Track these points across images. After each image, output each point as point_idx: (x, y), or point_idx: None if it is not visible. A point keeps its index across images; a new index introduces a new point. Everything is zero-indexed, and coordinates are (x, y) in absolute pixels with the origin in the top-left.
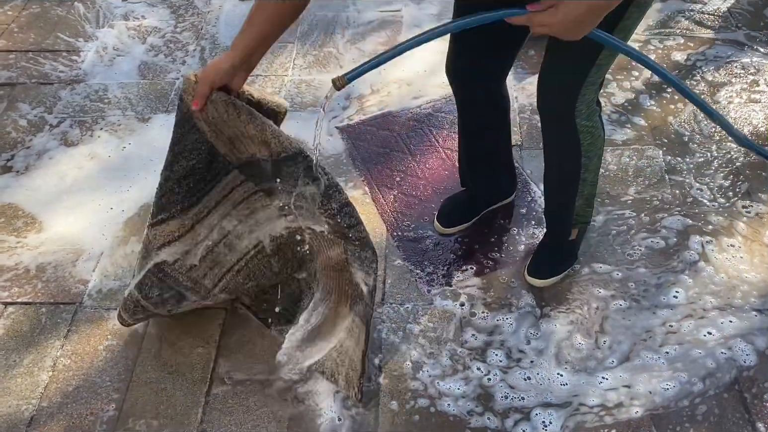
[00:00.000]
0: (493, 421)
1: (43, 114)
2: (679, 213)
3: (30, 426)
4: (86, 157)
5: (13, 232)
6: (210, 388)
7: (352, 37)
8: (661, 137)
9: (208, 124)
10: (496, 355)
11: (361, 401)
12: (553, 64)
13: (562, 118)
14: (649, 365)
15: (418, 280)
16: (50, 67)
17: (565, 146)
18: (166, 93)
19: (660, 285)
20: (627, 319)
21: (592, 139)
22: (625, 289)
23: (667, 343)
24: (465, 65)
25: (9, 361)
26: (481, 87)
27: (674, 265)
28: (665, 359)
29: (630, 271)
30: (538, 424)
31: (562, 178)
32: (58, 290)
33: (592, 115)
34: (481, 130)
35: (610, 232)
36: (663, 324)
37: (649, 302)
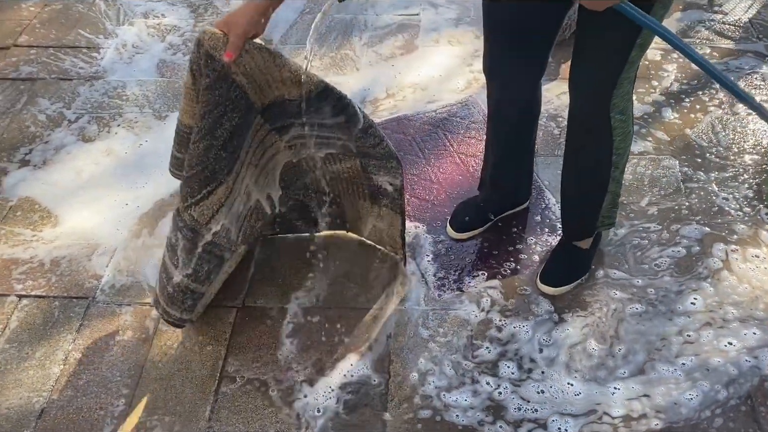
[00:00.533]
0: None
1: (61, 109)
2: (699, 222)
3: (40, 418)
4: (103, 153)
5: (29, 225)
6: (219, 385)
7: (369, 40)
8: (677, 147)
9: (245, 76)
10: (508, 367)
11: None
12: (588, 58)
13: (597, 114)
14: (665, 377)
15: (430, 284)
16: (70, 63)
17: (597, 143)
18: None
19: (680, 292)
20: (641, 325)
21: (624, 135)
22: (643, 295)
23: (683, 353)
24: (499, 65)
25: (21, 353)
26: (516, 88)
27: (698, 272)
28: (682, 370)
29: (648, 278)
30: (554, 430)
31: (591, 177)
32: (71, 284)
33: (626, 109)
34: (511, 133)
35: (629, 241)
36: (680, 332)
37: (665, 307)
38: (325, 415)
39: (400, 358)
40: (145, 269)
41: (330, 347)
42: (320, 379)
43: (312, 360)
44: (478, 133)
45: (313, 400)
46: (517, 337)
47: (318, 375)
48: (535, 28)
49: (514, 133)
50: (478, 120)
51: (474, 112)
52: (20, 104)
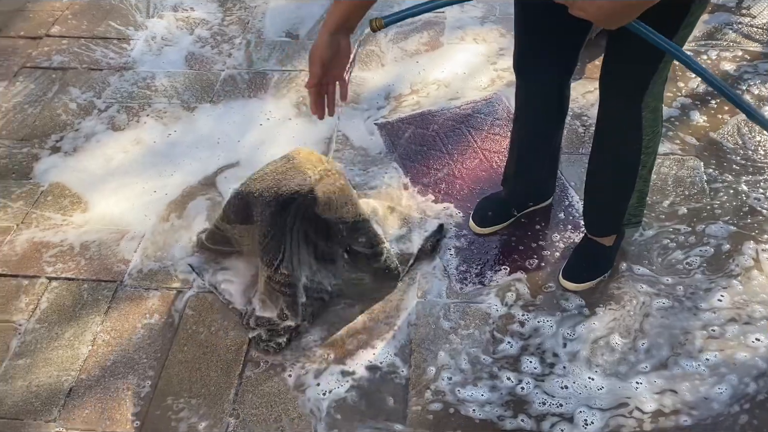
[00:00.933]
0: (528, 423)
1: (92, 98)
2: (726, 222)
3: (69, 396)
4: (132, 142)
5: (59, 210)
6: (243, 370)
7: (394, 37)
8: (702, 149)
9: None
10: (530, 362)
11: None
12: (623, 59)
13: (628, 113)
14: (690, 372)
15: (452, 277)
16: (101, 53)
17: (626, 142)
18: (211, 84)
19: (709, 289)
20: (666, 319)
21: (653, 134)
22: (670, 291)
23: (707, 348)
24: (530, 63)
25: (51, 333)
26: (545, 86)
27: (730, 270)
28: (705, 365)
29: (676, 275)
30: (579, 422)
31: (618, 176)
32: (100, 268)
33: (657, 108)
34: (538, 131)
35: (655, 238)
36: (704, 327)
37: (691, 303)
38: (344, 402)
39: (422, 349)
40: (173, 251)
41: (351, 335)
42: (341, 366)
43: (333, 347)
44: (502, 130)
45: (335, 386)
46: (540, 331)
47: (339, 362)
48: (565, 28)
49: (540, 131)
50: (502, 117)
51: (498, 109)
52: (52, 93)
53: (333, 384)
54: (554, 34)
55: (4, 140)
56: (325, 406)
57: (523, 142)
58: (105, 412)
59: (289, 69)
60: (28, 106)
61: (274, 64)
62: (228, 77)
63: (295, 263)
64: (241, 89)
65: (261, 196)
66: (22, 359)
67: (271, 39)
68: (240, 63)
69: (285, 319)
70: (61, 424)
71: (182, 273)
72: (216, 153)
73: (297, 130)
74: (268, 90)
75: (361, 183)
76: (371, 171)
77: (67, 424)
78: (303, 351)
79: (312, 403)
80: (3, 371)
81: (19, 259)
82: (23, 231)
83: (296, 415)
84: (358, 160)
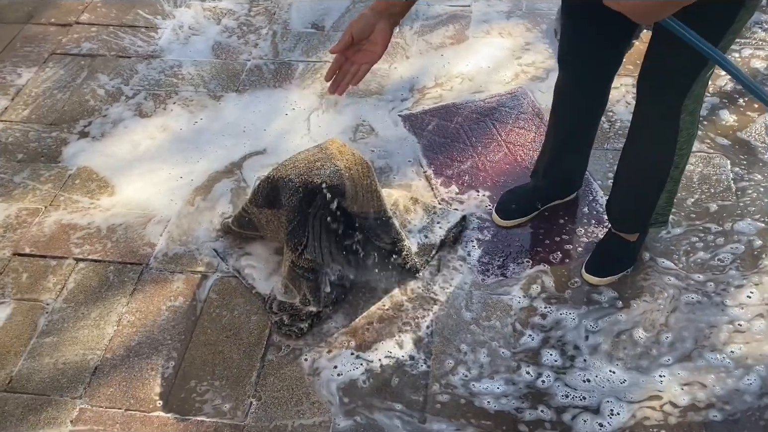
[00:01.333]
0: (548, 414)
1: (120, 85)
2: (756, 219)
3: (94, 374)
4: (159, 129)
5: (87, 193)
6: (265, 353)
7: (420, 29)
8: (729, 147)
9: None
10: (550, 355)
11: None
12: (666, 59)
13: (666, 113)
14: (714, 364)
15: (474, 268)
16: (129, 41)
17: (660, 142)
18: (237, 73)
19: (741, 286)
20: (693, 314)
21: (688, 136)
22: (698, 286)
23: (732, 341)
24: (574, 57)
25: (78, 313)
26: (589, 80)
27: (763, 266)
28: (730, 358)
29: (704, 271)
30: (605, 412)
31: (650, 176)
32: (126, 251)
33: (696, 111)
34: (575, 124)
35: (682, 234)
36: (731, 322)
37: (720, 298)
38: (362, 389)
39: (442, 339)
40: (198, 235)
41: (371, 323)
42: (360, 353)
43: (353, 334)
44: (527, 123)
45: (354, 373)
46: (562, 324)
47: (358, 349)
48: (613, 20)
49: (578, 126)
50: (527, 111)
51: (523, 103)
52: (81, 79)
53: (352, 370)
54: (603, 24)
55: (34, 124)
56: (343, 391)
57: (559, 136)
58: (129, 391)
59: (314, 60)
60: (57, 91)
61: (299, 54)
62: (254, 67)
63: (317, 250)
64: (267, 79)
65: (291, 182)
66: (49, 337)
67: (297, 30)
68: (266, 53)
69: (307, 304)
70: (86, 401)
71: (207, 257)
72: (241, 141)
73: (322, 120)
74: (293, 80)
75: (384, 174)
76: (394, 162)
77: (92, 402)
78: (324, 337)
79: (330, 388)
80: (31, 348)
81: (47, 240)
82: (51, 213)
83: (316, 399)
84: (381, 152)
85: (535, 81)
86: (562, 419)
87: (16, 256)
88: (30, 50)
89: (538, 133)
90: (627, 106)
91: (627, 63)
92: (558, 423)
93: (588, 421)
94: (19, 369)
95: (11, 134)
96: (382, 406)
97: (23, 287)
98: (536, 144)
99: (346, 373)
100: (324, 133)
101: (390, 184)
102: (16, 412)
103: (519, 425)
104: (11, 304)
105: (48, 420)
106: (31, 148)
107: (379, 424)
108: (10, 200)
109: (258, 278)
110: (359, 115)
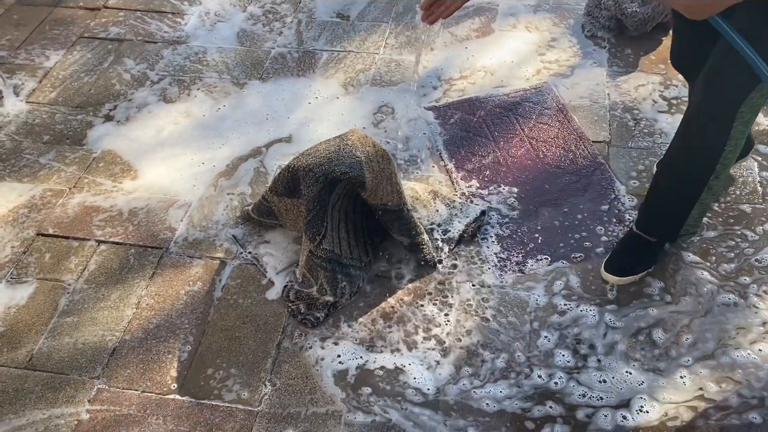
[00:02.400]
0: (557, 409)
1: (145, 70)
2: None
3: (112, 355)
4: (183, 114)
5: (110, 176)
6: (281, 341)
7: (445, 22)
8: (758, 150)
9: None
10: (563, 356)
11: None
12: (729, 65)
13: (720, 120)
14: (742, 362)
15: (491, 264)
16: (155, 27)
17: (708, 148)
18: (261, 61)
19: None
20: (723, 315)
21: (735, 146)
22: (731, 288)
23: (761, 340)
24: (686, 63)
25: (98, 294)
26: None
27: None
28: (759, 355)
29: (734, 272)
30: (635, 406)
31: (688, 181)
32: (147, 234)
33: (750, 121)
34: None
35: (716, 238)
36: (763, 324)
37: (750, 302)
38: (374, 380)
39: (457, 333)
40: (218, 222)
41: (387, 315)
42: (374, 345)
43: (368, 326)
44: (550, 119)
45: (367, 364)
46: (580, 321)
47: (372, 341)
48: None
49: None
50: (551, 107)
51: (548, 98)
52: (107, 63)
53: (365, 362)
54: (711, 28)
55: (60, 107)
56: (354, 382)
57: None
58: (146, 373)
59: (338, 50)
60: (84, 74)
61: (323, 44)
62: (278, 55)
63: (335, 240)
64: (290, 68)
65: (311, 172)
66: (69, 317)
67: (322, 19)
68: (290, 42)
69: (324, 294)
70: (104, 381)
71: (226, 243)
72: (264, 128)
73: (345, 109)
74: (317, 69)
75: (405, 166)
76: (415, 155)
77: (110, 382)
78: (339, 327)
79: (342, 378)
80: (51, 327)
81: (70, 222)
82: (75, 195)
83: (328, 388)
84: (402, 144)
85: (560, 77)
86: (574, 417)
87: (39, 236)
88: (58, 33)
89: (561, 129)
90: (653, 104)
91: (658, 61)
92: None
93: (609, 416)
94: (39, 347)
95: (38, 116)
96: (393, 401)
97: (46, 267)
98: (559, 140)
99: (358, 365)
100: (347, 121)
101: (410, 177)
102: (35, 389)
103: (529, 422)
104: (34, 283)
105: (66, 398)
106: (57, 130)
107: (390, 419)
108: (35, 181)
109: (276, 266)
110: (381, 106)
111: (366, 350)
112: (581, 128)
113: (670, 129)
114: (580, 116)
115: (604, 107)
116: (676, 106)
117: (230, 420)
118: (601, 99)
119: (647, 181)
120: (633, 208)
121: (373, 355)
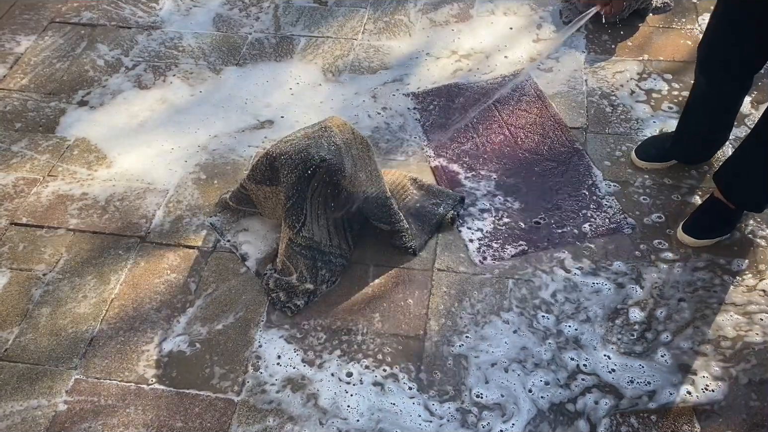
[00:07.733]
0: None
1: (119, 56)
2: None
3: (90, 345)
4: (158, 101)
5: (85, 164)
6: (261, 330)
7: (424, 7)
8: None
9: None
10: (553, 322)
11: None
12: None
13: None
14: None
15: (471, 251)
16: (129, 11)
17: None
18: (238, 46)
19: None
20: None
21: None
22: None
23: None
24: (719, 61)
25: (74, 284)
26: (725, 81)
27: None
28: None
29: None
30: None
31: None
32: (123, 223)
33: None
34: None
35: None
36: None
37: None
38: (358, 365)
39: (438, 317)
40: (195, 209)
41: (367, 301)
42: (354, 330)
43: (349, 312)
44: (528, 106)
45: (349, 351)
46: (587, 301)
47: (354, 327)
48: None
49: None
50: (529, 93)
51: (526, 85)
52: (80, 48)
53: (346, 348)
54: (749, 30)
55: (32, 93)
56: (336, 367)
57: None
58: (124, 363)
59: (316, 35)
60: (56, 60)
61: (301, 29)
62: (255, 41)
63: (315, 228)
64: (268, 53)
65: (290, 159)
66: (44, 308)
67: (300, 4)
68: (267, 27)
69: (304, 281)
70: (82, 372)
71: (204, 232)
72: (242, 114)
73: (324, 96)
74: (295, 55)
75: (385, 153)
76: (396, 141)
77: (87, 373)
78: (320, 314)
79: (328, 365)
80: (26, 318)
81: (44, 211)
82: (49, 183)
83: (311, 375)
84: (382, 130)
85: (538, 63)
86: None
87: (13, 225)
88: (29, 18)
89: (539, 116)
90: (632, 94)
91: (634, 47)
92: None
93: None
94: (15, 338)
95: (9, 103)
96: (378, 382)
97: (19, 257)
98: (537, 126)
99: (341, 351)
100: (327, 108)
101: (390, 164)
102: (11, 380)
103: (569, 405)
104: (7, 273)
105: (43, 390)
106: (29, 117)
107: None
108: (8, 169)
109: (255, 254)
110: (361, 93)
111: (346, 336)
112: (559, 114)
113: (646, 116)
114: (558, 102)
115: (582, 93)
116: (649, 94)
117: (210, 409)
118: (578, 85)
119: (624, 166)
120: (610, 194)
121: (354, 340)
